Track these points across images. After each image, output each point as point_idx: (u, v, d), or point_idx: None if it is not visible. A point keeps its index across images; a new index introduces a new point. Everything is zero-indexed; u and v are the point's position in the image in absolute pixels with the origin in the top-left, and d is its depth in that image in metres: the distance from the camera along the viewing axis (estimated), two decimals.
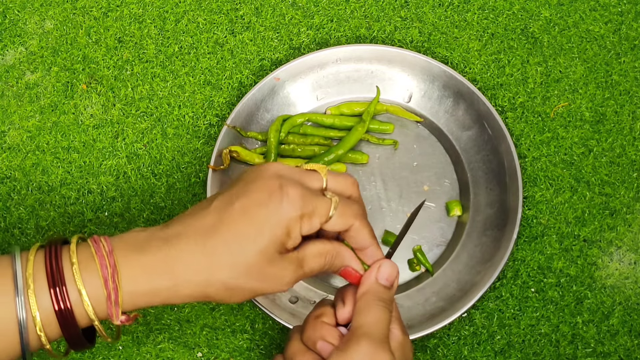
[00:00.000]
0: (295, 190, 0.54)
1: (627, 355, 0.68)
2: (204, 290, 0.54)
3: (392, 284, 0.57)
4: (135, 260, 0.53)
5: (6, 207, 0.75)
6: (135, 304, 0.54)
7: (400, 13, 0.82)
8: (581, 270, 0.71)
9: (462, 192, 0.75)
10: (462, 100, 0.75)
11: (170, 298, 0.54)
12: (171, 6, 0.83)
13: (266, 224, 0.53)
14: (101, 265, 0.52)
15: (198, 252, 0.53)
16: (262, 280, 0.54)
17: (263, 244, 0.53)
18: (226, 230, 0.53)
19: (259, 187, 0.54)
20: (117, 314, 0.53)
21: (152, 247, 0.54)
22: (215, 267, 0.53)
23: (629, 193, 0.74)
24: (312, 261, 0.56)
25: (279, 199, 0.53)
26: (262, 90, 0.76)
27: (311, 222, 0.55)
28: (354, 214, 0.57)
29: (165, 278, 0.53)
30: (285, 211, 0.53)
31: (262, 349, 0.70)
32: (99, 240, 0.54)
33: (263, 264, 0.54)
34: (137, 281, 0.53)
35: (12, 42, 0.82)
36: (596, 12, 0.81)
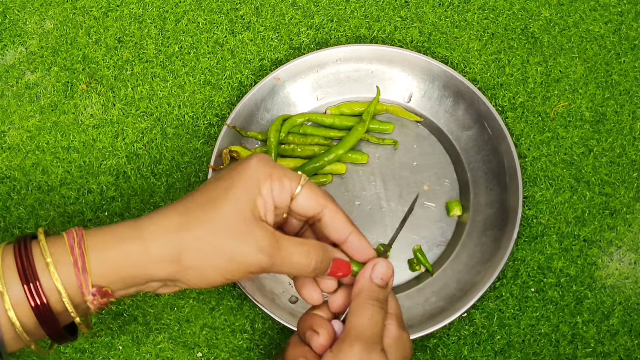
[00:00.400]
0: (266, 156, 0.55)
1: (627, 355, 0.68)
2: (177, 250, 0.51)
3: (386, 283, 0.56)
4: (103, 231, 0.52)
5: (6, 207, 0.75)
6: (107, 275, 0.52)
7: (400, 13, 0.82)
8: (581, 270, 0.71)
9: (462, 192, 0.75)
10: (462, 100, 0.75)
11: (142, 265, 0.52)
12: (171, 6, 0.83)
13: (236, 179, 0.53)
14: (68, 237, 0.51)
15: (170, 215, 0.52)
16: (238, 241, 0.52)
17: (236, 200, 0.52)
18: (198, 193, 0.53)
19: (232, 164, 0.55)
20: (87, 284, 0.51)
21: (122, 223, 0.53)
22: (187, 223, 0.52)
23: (629, 193, 0.74)
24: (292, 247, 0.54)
25: (247, 161, 0.54)
26: (262, 90, 0.76)
27: (281, 184, 0.54)
28: (325, 195, 0.56)
29: (135, 239, 0.51)
30: (254, 168, 0.53)
31: (262, 348, 0.70)
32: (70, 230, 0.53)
33: (237, 221, 0.52)
34: (104, 246, 0.51)
35: (12, 42, 0.82)
36: (596, 12, 0.81)
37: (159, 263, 0.52)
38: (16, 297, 0.50)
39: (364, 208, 0.74)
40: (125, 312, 0.71)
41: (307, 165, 0.74)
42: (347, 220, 0.57)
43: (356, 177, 0.75)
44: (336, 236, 0.56)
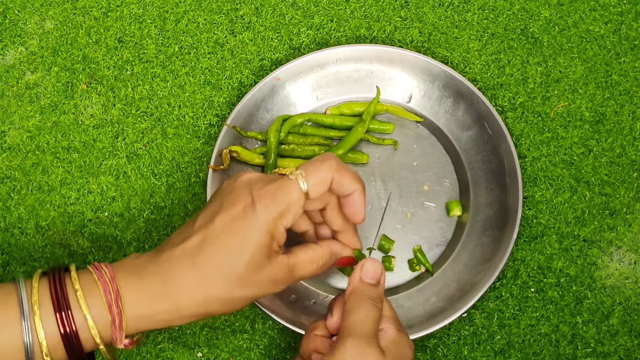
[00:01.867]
0: (263, 192, 0.55)
1: (627, 355, 0.68)
2: (204, 308, 0.55)
3: (378, 281, 0.57)
4: (136, 286, 0.55)
5: (6, 207, 0.75)
6: (138, 328, 0.55)
7: (400, 13, 0.82)
8: (581, 270, 0.71)
9: (462, 192, 0.75)
10: (462, 100, 0.75)
11: (174, 320, 0.56)
12: (171, 6, 0.83)
13: (248, 235, 0.55)
14: (104, 291, 0.54)
15: (190, 274, 0.55)
16: (255, 288, 0.56)
17: (249, 254, 0.55)
18: (211, 247, 0.55)
19: (234, 200, 0.56)
20: (121, 338, 0.55)
21: (150, 272, 0.55)
22: (208, 285, 0.55)
23: (629, 193, 0.74)
24: (303, 268, 0.58)
25: (252, 209, 0.55)
26: (262, 90, 0.76)
27: (292, 213, 0.56)
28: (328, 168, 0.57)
29: (166, 301, 0.55)
30: (262, 219, 0.55)
31: (261, 349, 0.70)
32: (100, 267, 0.55)
33: (253, 273, 0.55)
34: (139, 305, 0.55)
35: (12, 42, 0.82)
36: (596, 12, 0.81)
37: (189, 319, 0.56)
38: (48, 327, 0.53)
39: None
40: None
41: None
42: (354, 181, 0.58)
43: None
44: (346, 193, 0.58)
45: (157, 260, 0.56)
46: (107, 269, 0.55)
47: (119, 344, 0.54)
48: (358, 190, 0.59)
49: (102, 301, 0.54)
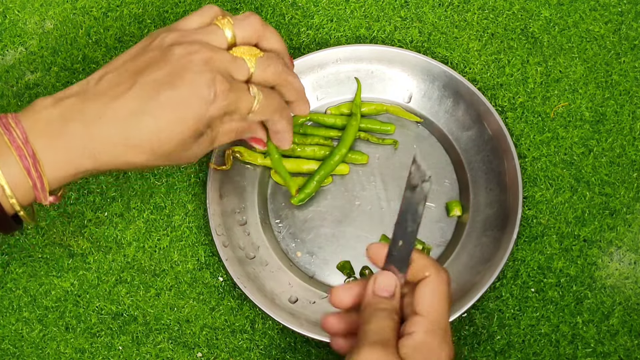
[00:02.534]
0: (222, 88, 0.56)
1: (627, 355, 0.68)
2: (122, 167, 0.56)
3: (391, 293, 0.54)
4: (54, 146, 0.54)
5: None
6: (60, 184, 0.55)
7: (400, 13, 0.82)
8: (581, 270, 0.71)
9: (462, 192, 0.74)
10: (462, 100, 0.75)
11: (92, 174, 0.56)
12: (171, 6, 0.83)
13: (189, 120, 0.55)
14: (20, 157, 0.53)
15: (119, 138, 0.54)
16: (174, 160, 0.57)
17: (184, 137, 0.55)
18: (149, 120, 0.54)
19: (187, 81, 0.55)
20: (45, 197, 0.54)
21: (70, 131, 0.54)
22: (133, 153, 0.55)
23: (629, 193, 0.74)
24: (222, 137, 0.59)
25: (205, 97, 0.55)
26: None
27: (231, 119, 0.58)
28: (272, 111, 0.60)
29: (87, 161, 0.55)
30: (210, 110, 0.56)
31: (261, 349, 0.70)
32: (9, 126, 0.54)
33: (179, 151, 0.56)
34: (59, 167, 0.54)
35: (12, 42, 0.82)
36: (596, 12, 0.81)
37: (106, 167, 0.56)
38: None
39: (364, 208, 0.74)
40: (125, 312, 0.71)
41: (318, 174, 0.73)
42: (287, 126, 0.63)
43: (356, 177, 0.75)
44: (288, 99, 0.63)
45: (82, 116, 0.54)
46: (18, 129, 0.53)
47: (45, 202, 0.54)
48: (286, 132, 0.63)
49: (19, 167, 0.53)
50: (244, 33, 0.60)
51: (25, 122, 0.54)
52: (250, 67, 0.58)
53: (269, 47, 0.61)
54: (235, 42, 0.59)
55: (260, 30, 0.60)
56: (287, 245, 0.73)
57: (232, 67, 0.58)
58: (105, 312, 0.71)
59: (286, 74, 0.61)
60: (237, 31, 0.59)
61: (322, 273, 0.72)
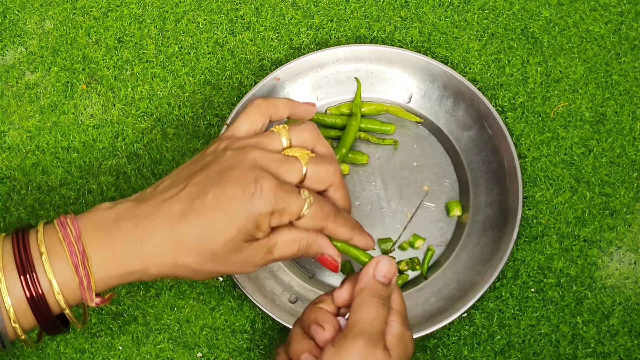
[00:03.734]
0: (269, 185, 0.54)
1: (627, 355, 0.68)
2: (171, 271, 0.55)
3: (389, 280, 0.57)
4: (104, 245, 0.53)
5: (6, 207, 0.75)
6: (108, 285, 0.54)
7: (400, 13, 0.82)
8: (581, 270, 0.71)
9: (462, 192, 0.74)
10: (462, 100, 0.75)
11: (141, 278, 0.55)
12: (171, 6, 0.83)
13: (237, 217, 0.53)
14: (70, 253, 0.52)
15: (167, 238, 0.54)
16: (227, 266, 0.55)
17: (230, 235, 0.54)
18: (196, 218, 0.54)
19: (235, 178, 0.54)
20: (92, 297, 0.53)
21: (121, 229, 0.54)
22: (181, 253, 0.54)
23: (629, 193, 0.74)
24: (283, 248, 0.57)
25: (251, 192, 0.54)
26: (262, 90, 0.76)
27: (281, 219, 0.55)
28: (326, 215, 0.57)
29: (135, 261, 0.54)
30: (256, 206, 0.54)
31: (262, 349, 0.70)
32: (66, 224, 0.54)
33: (229, 252, 0.54)
34: (107, 266, 0.53)
35: (12, 42, 0.82)
36: (596, 12, 0.81)
37: (156, 278, 0.56)
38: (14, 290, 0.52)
39: (364, 208, 0.74)
40: (125, 312, 0.71)
41: None
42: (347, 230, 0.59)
43: (356, 177, 0.75)
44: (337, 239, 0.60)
45: (132, 216, 0.54)
46: (73, 227, 0.53)
47: (90, 303, 0.53)
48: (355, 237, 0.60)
49: (69, 264, 0.52)
50: (301, 137, 0.58)
51: (81, 221, 0.54)
52: (303, 165, 0.57)
53: (322, 154, 0.60)
54: (290, 145, 0.58)
55: (317, 135, 0.59)
56: None
57: (283, 167, 0.56)
58: (105, 312, 0.71)
59: (340, 176, 0.60)
60: (292, 137, 0.58)
61: (322, 273, 0.72)
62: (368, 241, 0.60)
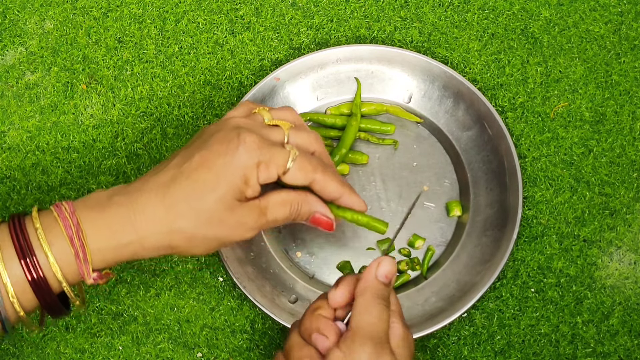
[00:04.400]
0: (252, 139, 0.56)
1: (627, 355, 0.68)
2: (168, 240, 0.55)
3: (390, 280, 0.57)
4: (98, 218, 0.54)
5: (6, 207, 0.75)
6: (105, 260, 0.55)
7: (400, 13, 0.82)
8: (581, 271, 0.71)
9: (462, 193, 0.75)
10: (462, 100, 0.75)
11: (137, 251, 0.55)
12: (171, 6, 0.83)
13: (223, 172, 0.55)
14: (65, 226, 0.53)
15: (158, 204, 0.55)
16: (222, 228, 0.56)
17: (221, 192, 0.55)
18: (185, 180, 0.55)
19: (218, 138, 0.56)
20: (88, 271, 0.54)
21: (114, 203, 0.55)
22: (175, 216, 0.55)
23: (629, 193, 0.74)
24: (275, 210, 0.58)
25: (235, 146, 0.55)
26: (262, 90, 0.76)
27: (268, 171, 0.57)
28: (314, 167, 0.59)
29: (130, 231, 0.54)
30: (242, 158, 0.55)
31: (262, 349, 0.70)
32: (60, 204, 0.55)
33: (222, 211, 0.55)
34: (102, 237, 0.54)
35: (12, 42, 0.82)
36: (596, 12, 0.81)
37: (151, 251, 0.56)
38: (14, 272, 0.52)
39: None
40: (125, 312, 0.71)
41: None
42: (339, 185, 0.60)
43: (356, 177, 0.75)
44: (328, 197, 0.61)
45: (125, 192, 0.56)
46: (67, 205, 0.55)
47: (88, 279, 0.54)
48: (345, 194, 0.61)
49: (64, 236, 0.53)
50: (280, 115, 0.61)
51: (76, 203, 0.56)
52: (284, 131, 0.59)
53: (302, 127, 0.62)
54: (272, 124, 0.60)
55: (296, 115, 0.62)
56: (287, 245, 0.74)
57: (265, 130, 0.59)
58: (105, 312, 0.71)
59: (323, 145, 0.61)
60: (273, 114, 0.61)
61: (322, 273, 0.72)
62: (360, 201, 0.62)
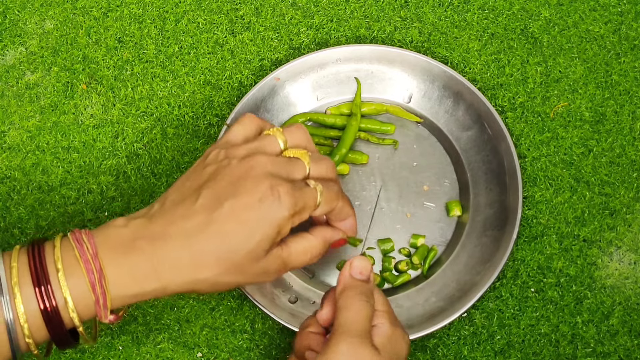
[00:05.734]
0: (285, 190, 0.55)
1: (627, 355, 0.68)
2: (191, 287, 0.55)
3: (367, 277, 0.57)
4: (121, 264, 0.53)
5: (6, 207, 0.75)
6: (123, 304, 0.54)
7: (400, 13, 0.82)
8: (581, 270, 0.71)
9: (462, 192, 0.75)
10: (462, 100, 0.75)
11: (158, 296, 0.55)
12: (171, 6, 0.83)
13: (257, 227, 0.54)
14: (87, 271, 0.52)
15: (185, 255, 0.54)
16: (245, 276, 0.56)
17: (252, 245, 0.54)
18: (215, 232, 0.54)
19: (249, 188, 0.55)
20: (106, 315, 0.53)
21: (137, 248, 0.53)
22: (201, 268, 0.54)
23: (629, 193, 0.74)
24: (297, 258, 0.58)
25: (270, 201, 0.54)
26: (262, 90, 0.76)
27: (301, 217, 0.57)
28: (337, 196, 0.60)
29: (153, 280, 0.54)
30: (278, 214, 0.54)
31: (261, 349, 0.70)
32: (82, 240, 0.53)
33: (249, 263, 0.55)
34: (124, 285, 0.53)
35: (12, 42, 0.82)
36: (596, 12, 0.81)
37: (174, 294, 0.56)
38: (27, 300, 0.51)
39: (364, 208, 0.74)
40: (125, 312, 0.71)
41: None
42: (350, 207, 0.62)
43: (356, 177, 0.75)
44: (338, 220, 0.63)
45: (148, 234, 0.54)
46: (90, 244, 0.53)
47: (104, 320, 0.53)
48: (352, 216, 0.63)
49: (85, 281, 0.52)
50: (294, 138, 0.60)
51: (97, 238, 0.54)
52: (306, 164, 0.59)
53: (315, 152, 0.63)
54: (287, 147, 0.60)
55: (308, 135, 0.61)
56: None
57: (290, 168, 0.58)
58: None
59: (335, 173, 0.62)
60: (288, 138, 0.60)
61: (322, 273, 0.72)
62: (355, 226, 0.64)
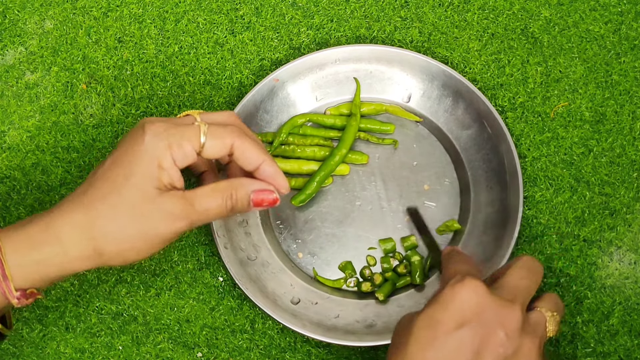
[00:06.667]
0: (157, 124, 0.55)
1: (627, 355, 0.68)
2: (92, 245, 0.53)
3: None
4: (18, 233, 0.53)
5: (6, 207, 0.75)
6: (29, 278, 0.53)
7: (400, 13, 0.82)
8: (581, 270, 0.71)
9: (462, 191, 0.75)
10: (462, 99, 0.75)
11: (64, 265, 0.53)
12: (171, 6, 0.83)
13: (135, 163, 0.53)
14: None
15: (78, 210, 0.53)
16: (145, 220, 0.53)
17: (135, 181, 0.53)
18: (99, 181, 0.54)
19: (125, 137, 0.56)
20: (9, 289, 0.52)
21: (35, 218, 0.54)
22: (94, 217, 0.53)
23: (629, 193, 0.74)
24: (204, 200, 0.55)
25: (141, 136, 0.54)
26: (262, 91, 0.76)
27: (182, 149, 0.54)
28: (230, 132, 0.56)
29: (52, 243, 0.52)
30: (150, 144, 0.54)
31: (261, 349, 0.70)
32: None
33: (142, 203, 0.53)
34: (22, 252, 0.52)
35: (12, 42, 0.82)
36: (596, 12, 0.81)
37: (79, 261, 0.53)
38: None
39: (365, 208, 0.74)
40: (125, 312, 0.71)
41: (318, 175, 0.73)
42: (259, 151, 0.57)
43: (356, 177, 0.75)
44: (249, 167, 0.58)
45: (45, 211, 0.54)
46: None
47: (11, 298, 0.52)
48: (266, 162, 0.58)
49: None
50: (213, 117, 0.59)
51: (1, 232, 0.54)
52: (196, 115, 0.58)
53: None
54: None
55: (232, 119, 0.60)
56: (288, 246, 0.73)
57: (173, 119, 0.58)
58: (105, 312, 0.71)
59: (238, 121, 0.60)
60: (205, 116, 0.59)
61: (324, 273, 0.72)
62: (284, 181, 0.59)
